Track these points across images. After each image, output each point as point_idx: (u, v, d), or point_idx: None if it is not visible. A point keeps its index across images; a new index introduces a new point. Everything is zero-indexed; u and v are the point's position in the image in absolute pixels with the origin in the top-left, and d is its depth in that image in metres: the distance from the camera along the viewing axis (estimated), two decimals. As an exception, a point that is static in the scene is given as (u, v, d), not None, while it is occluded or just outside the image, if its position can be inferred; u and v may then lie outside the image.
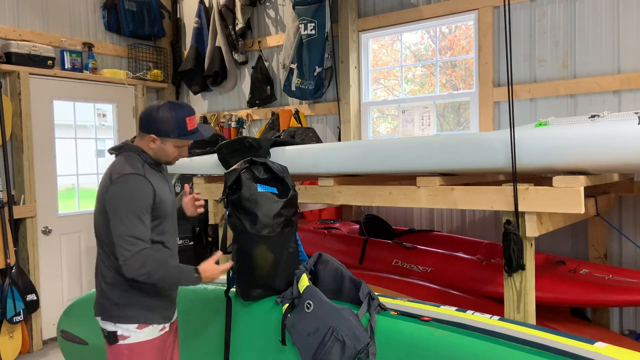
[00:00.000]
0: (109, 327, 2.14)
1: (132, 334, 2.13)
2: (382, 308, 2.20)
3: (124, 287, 2.13)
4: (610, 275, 2.79)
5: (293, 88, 4.67)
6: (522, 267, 2.22)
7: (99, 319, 2.19)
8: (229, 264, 2.29)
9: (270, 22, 5.12)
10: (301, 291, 2.28)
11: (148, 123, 2.16)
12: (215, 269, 2.19)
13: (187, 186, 2.52)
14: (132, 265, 1.99)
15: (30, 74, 4.49)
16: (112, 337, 2.14)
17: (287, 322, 2.25)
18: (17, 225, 4.46)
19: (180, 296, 2.56)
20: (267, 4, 5.12)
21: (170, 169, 3.01)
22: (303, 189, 2.96)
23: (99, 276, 2.19)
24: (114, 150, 2.26)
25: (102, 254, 2.18)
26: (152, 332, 2.18)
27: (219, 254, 2.27)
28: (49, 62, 4.59)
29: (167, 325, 2.25)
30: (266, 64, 5.09)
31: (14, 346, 4.27)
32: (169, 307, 2.26)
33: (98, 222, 2.17)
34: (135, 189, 2.06)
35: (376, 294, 2.27)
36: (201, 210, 2.49)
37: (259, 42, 5.14)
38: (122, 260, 2.00)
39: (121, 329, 2.12)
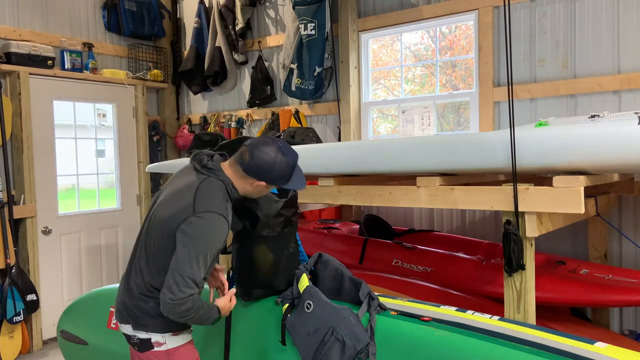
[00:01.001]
0: (141, 334, 2.08)
1: (167, 339, 2.08)
2: (382, 308, 2.20)
3: (158, 300, 2.03)
4: (610, 275, 2.79)
5: (293, 88, 4.67)
6: (522, 267, 2.22)
7: (127, 327, 2.11)
8: (233, 298, 2.21)
9: (270, 22, 5.12)
10: (301, 291, 2.28)
11: (262, 173, 2.05)
12: (231, 305, 2.16)
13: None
14: (177, 308, 1.89)
15: (30, 74, 4.49)
16: (145, 344, 2.08)
17: (287, 322, 2.25)
18: (17, 225, 4.46)
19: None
20: (267, 4, 5.12)
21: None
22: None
23: (133, 285, 2.10)
24: (203, 167, 2.08)
25: (145, 266, 2.07)
26: (186, 336, 2.16)
27: (232, 291, 2.19)
28: (49, 62, 4.59)
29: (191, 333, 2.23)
30: (266, 64, 5.09)
31: (14, 346, 4.27)
32: None
33: (157, 238, 2.03)
34: (216, 231, 1.96)
35: (376, 294, 2.27)
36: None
37: (259, 42, 5.14)
38: (171, 298, 1.88)
39: (155, 336, 2.08)
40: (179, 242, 1.94)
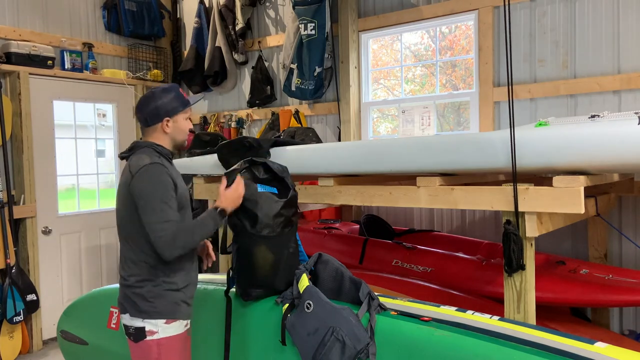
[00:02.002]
0: (137, 323, 2.15)
1: (160, 329, 2.14)
2: (382, 308, 2.20)
3: (155, 281, 2.15)
4: (610, 275, 2.79)
5: (293, 88, 4.67)
6: (522, 267, 2.22)
7: (126, 316, 2.19)
8: (240, 182, 2.35)
9: (270, 22, 5.12)
10: (301, 291, 2.28)
11: (155, 112, 2.25)
12: (232, 193, 2.29)
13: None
14: (169, 250, 2.07)
15: (30, 74, 4.49)
16: (139, 333, 2.15)
17: (287, 322, 2.25)
18: (17, 225, 4.46)
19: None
20: (267, 4, 5.12)
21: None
22: (303, 189, 2.95)
23: (127, 275, 2.19)
24: (126, 153, 2.28)
25: (129, 250, 2.19)
26: (179, 327, 2.20)
27: (224, 180, 2.35)
28: (49, 62, 4.59)
29: (188, 323, 2.27)
30: (266, 64, 5.09)
31: (14, 346, 4.27)
32: (190, 304, 2.28)
33: (123, 218, 2.21)
34: (158, 176, 2.13)
35: (376, 294, 2.27)
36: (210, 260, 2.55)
37: (259, 42, 5.14)
38: (159, 247, 2.07)
39: (149, 324, 2.14)
40: (137, 205, 2.12)
